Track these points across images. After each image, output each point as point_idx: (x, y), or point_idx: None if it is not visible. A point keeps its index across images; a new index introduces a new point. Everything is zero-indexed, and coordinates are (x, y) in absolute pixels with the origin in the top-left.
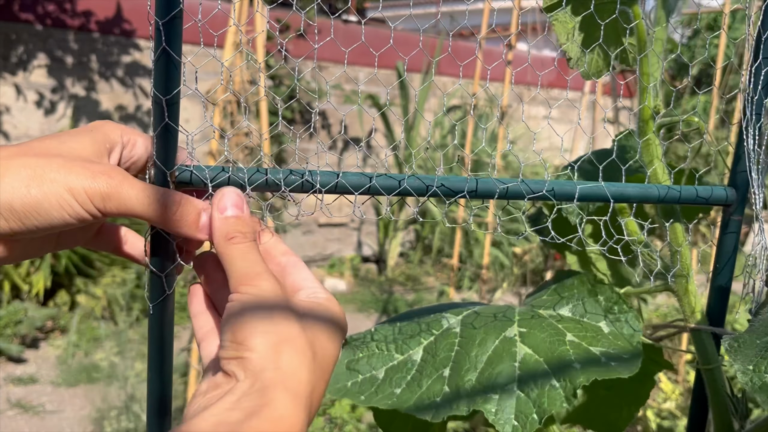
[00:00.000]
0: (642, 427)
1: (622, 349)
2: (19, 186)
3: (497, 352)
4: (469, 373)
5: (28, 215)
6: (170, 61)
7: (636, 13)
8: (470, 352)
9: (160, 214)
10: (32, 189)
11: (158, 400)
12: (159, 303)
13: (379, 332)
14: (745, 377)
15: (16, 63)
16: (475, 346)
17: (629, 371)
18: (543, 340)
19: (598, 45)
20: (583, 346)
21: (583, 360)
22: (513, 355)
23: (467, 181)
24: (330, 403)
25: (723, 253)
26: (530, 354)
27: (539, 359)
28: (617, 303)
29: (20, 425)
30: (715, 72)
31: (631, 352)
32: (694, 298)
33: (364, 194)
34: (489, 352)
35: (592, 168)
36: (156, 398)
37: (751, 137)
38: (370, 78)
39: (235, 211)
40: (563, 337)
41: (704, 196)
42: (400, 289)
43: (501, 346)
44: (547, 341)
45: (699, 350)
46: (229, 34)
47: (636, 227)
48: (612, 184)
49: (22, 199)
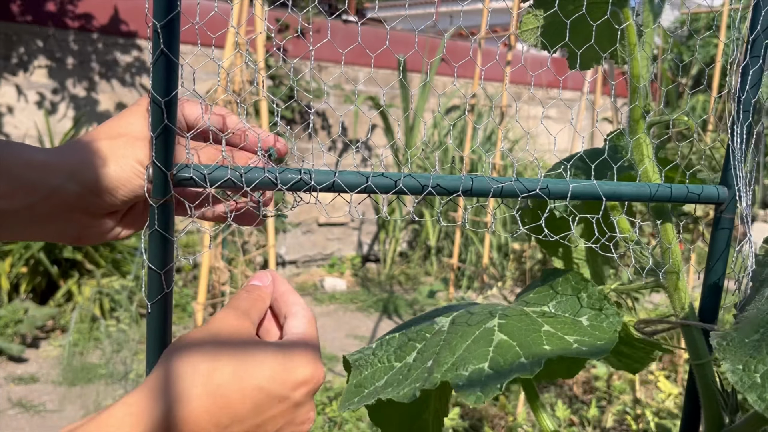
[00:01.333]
0: (641, 425)
1: (597, 338)
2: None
3: (476, 341)
4: (447, 358)
5: (116, 189)
6: (169, 64)
7: (626, 16)
8: (452, 343)
9: None
10: (111, 165)
11: None
12: (158, 302)
13: (381, 348)
14: (735, 376)
15: (17, 63)
16: (457, 338)
17: (599, 356)
18: (519, 329)
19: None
20: (557, 335)
21: (555, 344)
22: (489, 342)
23: (462, 180)
24: (329, 402)
25: (715, 250)
26: (505, 339)
27: (512, 343)
28: (600, 301)
29: (21, 424)
30: (714, 72)
31: (606, 340)
32: (684, 294)
33: (361, 193)
34: (468, 341)
35: (584, 166)
36: None
37: (737, 136)
38: (369, 78)
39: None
40: (539, 327)
41: (695, 193)
42: (400, 288)
43: (480, 335)
44: (523, 329)
45: (689, 346)
46: (229, 35)
47: (627, 225)
48: (605, 183)
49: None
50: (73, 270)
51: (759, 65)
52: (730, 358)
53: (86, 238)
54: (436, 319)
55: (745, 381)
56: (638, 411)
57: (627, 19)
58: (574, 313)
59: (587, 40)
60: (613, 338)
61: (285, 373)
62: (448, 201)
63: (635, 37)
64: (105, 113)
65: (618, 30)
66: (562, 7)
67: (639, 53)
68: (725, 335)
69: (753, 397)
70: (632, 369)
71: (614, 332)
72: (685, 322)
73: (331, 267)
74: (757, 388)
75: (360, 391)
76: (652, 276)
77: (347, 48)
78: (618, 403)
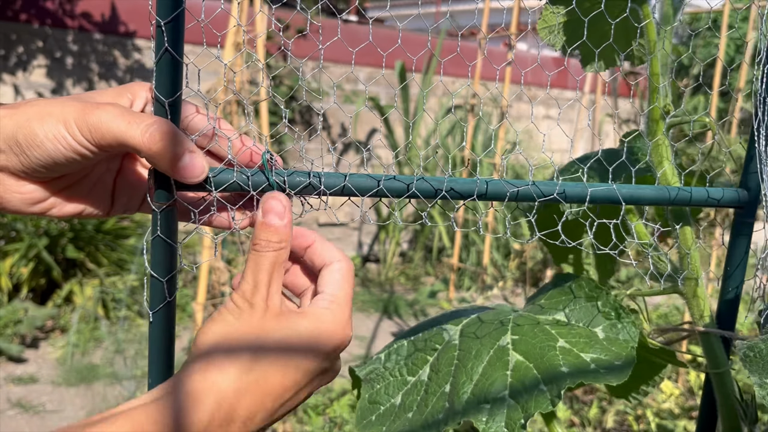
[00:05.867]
0: (642, 426)
1: (615, 355)
2: (22, 121)
3: (491, 362)
4: (465, 386)
5: (29, 148)
6: (172, 62)
7: (646, 13)
8: (467, 364)
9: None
10: (32, 123)
11: None
12: (160, 310)
13: (389, 358)
14: (763, 390)
15: (16, 63)
16: (471, 358)
17: (618, 379)
18: (534, 347)
19: (607, 41)
20: (573, 352)
21: (572, 365)
22: (506, 364)
23: (477, 184)
24: (329, 403)
25: (734, 255)
26: (521, 361)
27: (530, 365)
28: (615, 309)
29: (20, 425)
30: (715, 72)
31: (623, 359)
32: (703, 301)
33: (373, 197)
34: (484, 362)
35: (597, 167)
36: None
37: (762, 138)
38: (369, 78)
39: (271, 218)
40: (555, 343)
41: (716, 197)
42: (400, 288)
43: (495, 356)
44: (538, 347)
45: (708, 354)
46: (230, 35)
47: (644, 230)
48: (623, 186)
49: (23, 131)
50: (75, 269)
51: None
52: (757, 370)
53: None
54: (444, 327)
55: None
56: (639, 412)
57: (647, 17)
58: (588, 322)
59: (603, 38)
60: (631, 356)
61: (317, 350)
62: (461, 206)
63: (655, 35)
64: None
65: (635, 28)
66: (579, 4)
67: (659, 51)
68: (752, 347)
69: None
70: (636, 392)
71: (632, 349)
72: (704, 330)
73: None
74: None
75: (376, 408)
76: (669, 282)
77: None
78: (619, 403)
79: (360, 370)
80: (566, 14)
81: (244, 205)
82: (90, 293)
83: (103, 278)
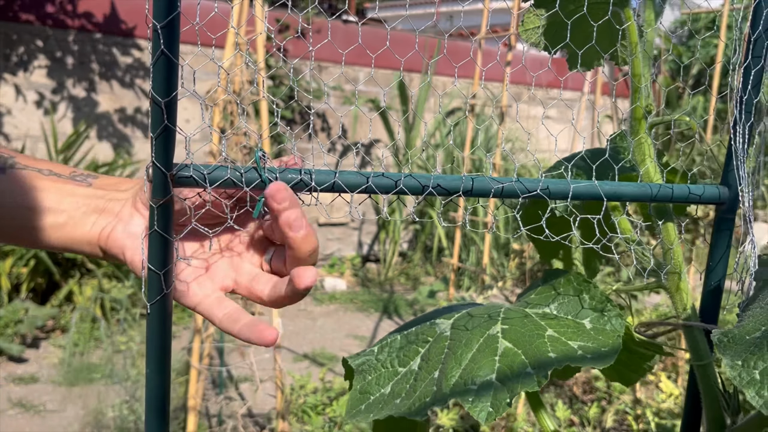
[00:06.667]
0: (641, 425)
1: (601, 343)
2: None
3: (480, 349)
4: (454, 370)
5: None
6: (169, 64)
7: (628, 16)
8: (457, 352)
9: None
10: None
11: (157, 400)
12: (157, 303)
13: (383, 350)
14: (734, 372)
15: (17, 63)
16: (461, 346)
17: (603, 364)
18: (523, 335)
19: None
20: (561, 340)
21: (560, 351)
22: (495, 350)
23: (463, 181)
24: (329, 403)
25: (716, 250)
26: (510, 347)
27: (518, 351)
28: (603, 302)
29: (21, 424)
30: (714, 72)
31: (609, 346)
32: (686, 295)
33: (362, 193)
34: (473, 350)
35: (585, 166)
36: (155, 398)
37: (739, 136)
38: (369, 79)
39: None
40: (543, 332)
41: (697, 194)
42: (400, 288)
43: (484, 343)
44: (527, 335)
45: (691, 347)
46: (229, 35)
47: (628, 225)
48: (606, 183)
49: None
50: (74, 270)
51: (760, 66)
52: (729, 353)
53: None
54: (436, 321)
55: (744, 377)
56: (638, 411)
57: (628, 19)
58: (576, 314)
59: (588, 40)
60: (617, 344)
61: None
62: (448, 201)
63: (636, 37)
64: (104, 114)
65: (618, 30)
66: (563, 7)
67: (640, 53)
68: (726, 332)
69: (751, 393)
70: (626, 380)
71: (617, 337)
72: (686, 323)
73: (331, 267)
74: (756, 384)
75: (366, 397)
76: (653, 277)
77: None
78: (618, 403)
79: (353, 360)
80: (551, 16)
81: (236, 201)
82: (90, 293)
83: (101, 279)
